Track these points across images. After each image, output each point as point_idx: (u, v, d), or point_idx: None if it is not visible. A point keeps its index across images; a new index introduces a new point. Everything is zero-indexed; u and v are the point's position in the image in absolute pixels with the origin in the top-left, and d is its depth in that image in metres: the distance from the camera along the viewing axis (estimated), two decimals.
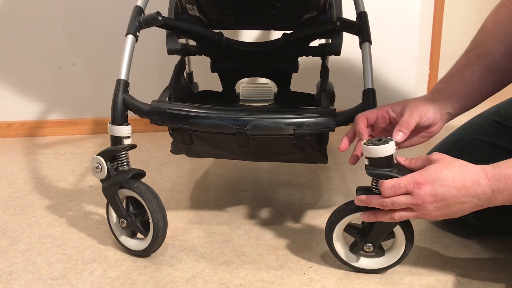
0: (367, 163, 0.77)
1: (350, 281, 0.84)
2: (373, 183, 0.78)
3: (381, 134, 0.82)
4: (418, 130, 0.82)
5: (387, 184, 0.73)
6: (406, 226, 0.80)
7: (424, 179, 0.71)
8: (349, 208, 0.81)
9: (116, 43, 1.64)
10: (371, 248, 0.82)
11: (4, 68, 1.66)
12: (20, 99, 1.69)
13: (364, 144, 0.75)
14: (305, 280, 0.85)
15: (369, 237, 0.82)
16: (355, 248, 0.85)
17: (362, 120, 0.81)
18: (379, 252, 0.84)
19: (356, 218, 0.82)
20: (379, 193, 0.75)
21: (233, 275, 0.86)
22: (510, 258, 0.90)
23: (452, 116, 0.84)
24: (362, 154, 0.79)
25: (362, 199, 0.77)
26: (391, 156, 0.75)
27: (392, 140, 0.75)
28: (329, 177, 1.29)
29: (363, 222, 0.83)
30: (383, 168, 0.75)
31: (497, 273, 0.86)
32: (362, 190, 0.78)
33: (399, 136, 0.77)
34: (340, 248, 0.85)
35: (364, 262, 0.86)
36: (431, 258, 0.91)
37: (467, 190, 0.69)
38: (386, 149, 0.74)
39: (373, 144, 0.74)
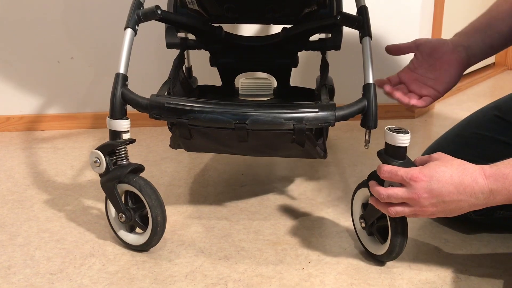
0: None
1: (349, 276, 0.84)
2: None
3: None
4: (431, 61, 0.91)
5: (385, 168, 0.76)
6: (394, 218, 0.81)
7: (421, 174, 0.71)
8: (365, 181, 0.86)
9: (114, 37, 1.63)
10: (363, 224, 0.88)
11: (2, 62, 1.65)
12: (19, 93, 1.68)
13: (386, 128, 0.78)
14: (304, 275, 0.85)
15: (365, 213, 0.88)
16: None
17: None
18: (380, 238, 0.86)
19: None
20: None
21: (232, 270, 0.86)
22: (509, 254, 0.90)
23: (471, 51, 0.90)
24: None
25: (370, 183, 0.80)
26: (401, 148, 0.77)
27: (408, 133, 0.76)
28: (328, 172, 1.29)
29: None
30: (393, 157, 0.77)
31: (496, 268, 0.86)
32: (374, 176, 0.81)
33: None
34: (356, 219, 0.91)
35: (366, 241, 0.89)
36: (430, 253, 0.91)
37: (465, 188, 0.69)
38: (397, 138, 0.76)
39: (391, 130, 0.77)
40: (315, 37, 1.10)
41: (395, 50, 0.97)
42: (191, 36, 1.13)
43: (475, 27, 0.93)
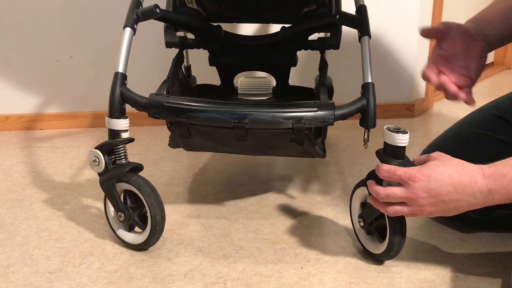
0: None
1: (348, 275, 0.84)
2: None
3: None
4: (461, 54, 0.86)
5: (384, 167, 0.76)
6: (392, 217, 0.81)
7: (420, 173, 0.71)
8: (363, 181, 0.85)
9: (114, 36, 1.63)
10: (362, 223, 0.88)
11: (1, 61, 1.65)
12: (18, 92, 1.68)
13: (385, 128, 0.79)
14: (303, 274, 0.85)
15: (363, 212, 0.88)
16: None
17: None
18: (379, 237, 0.86)
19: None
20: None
21: (230, 269, 0.86)
22: (508, 253, 0.90)
23: (489, 40, 0.86)
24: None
25: (369, 183, 0.80)
26: (400, 147, 0.77)
27: (406, 133, 0.77)
28: (327, 171, 1.29)
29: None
30: (391, 156, 0.77)
31: (495, 267, 0.86)
32: (372, 175, 0.81)
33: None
34: (355, 219, 0.91)
35: (365, 240, 0.90)
36: (429, 252, 0.91)
37: (463, 187, 0.70)
38: (396, 138, 0.76)
39: (389, 130, 0.77)
40: (314, 36, 1.11)
41: (427, 33, 0.90)
42: (190, 35, 1.13)
43: (491, 16, 0.89)
